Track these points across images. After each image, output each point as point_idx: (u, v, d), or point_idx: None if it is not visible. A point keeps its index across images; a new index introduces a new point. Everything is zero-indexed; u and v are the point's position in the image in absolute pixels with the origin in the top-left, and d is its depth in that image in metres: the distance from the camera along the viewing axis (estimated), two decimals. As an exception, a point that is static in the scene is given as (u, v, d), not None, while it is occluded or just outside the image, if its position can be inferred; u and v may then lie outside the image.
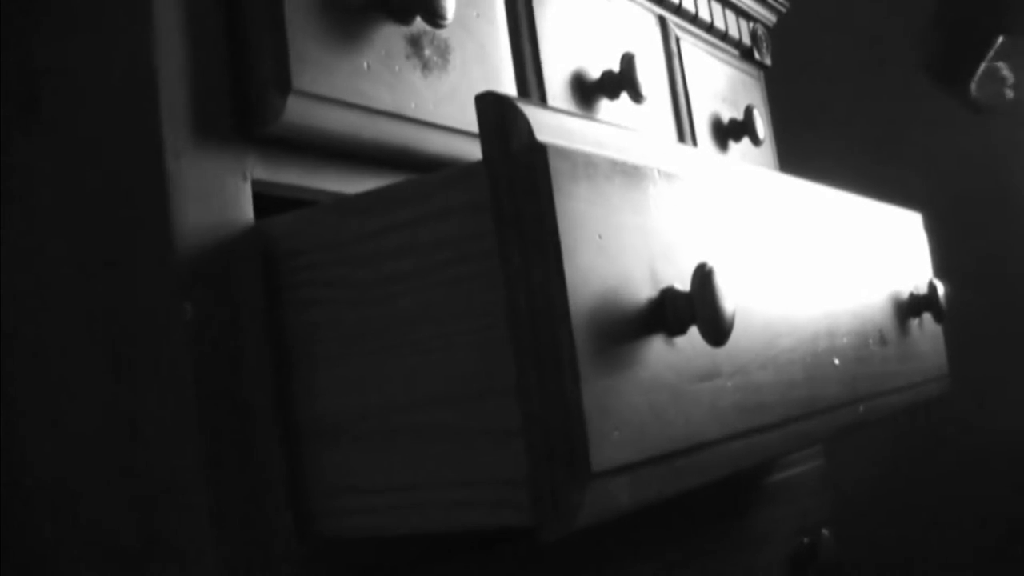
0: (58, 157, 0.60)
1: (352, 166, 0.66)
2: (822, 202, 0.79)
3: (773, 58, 1.38)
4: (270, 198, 0.61)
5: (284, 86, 0.59)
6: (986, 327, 1.70)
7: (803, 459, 1.22)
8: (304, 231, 0.57)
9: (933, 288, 0.93)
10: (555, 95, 0.88)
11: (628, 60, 0.95)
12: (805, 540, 1.14)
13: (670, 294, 0.51)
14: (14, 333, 0.62)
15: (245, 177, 0.59)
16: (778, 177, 0.78)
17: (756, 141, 1.20)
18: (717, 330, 0.51)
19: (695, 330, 0.51)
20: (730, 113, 1.21)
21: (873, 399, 0.78)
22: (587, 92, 0.93)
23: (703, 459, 0.53)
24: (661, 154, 0.58)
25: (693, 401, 0.53)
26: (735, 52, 1.31)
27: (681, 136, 1.09)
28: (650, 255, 0.52)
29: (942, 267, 1.05)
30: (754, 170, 0.73)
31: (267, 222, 0.58)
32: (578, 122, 0.52)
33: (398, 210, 0.53)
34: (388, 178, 0.67)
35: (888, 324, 0.84)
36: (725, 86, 1.23)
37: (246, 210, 0.58)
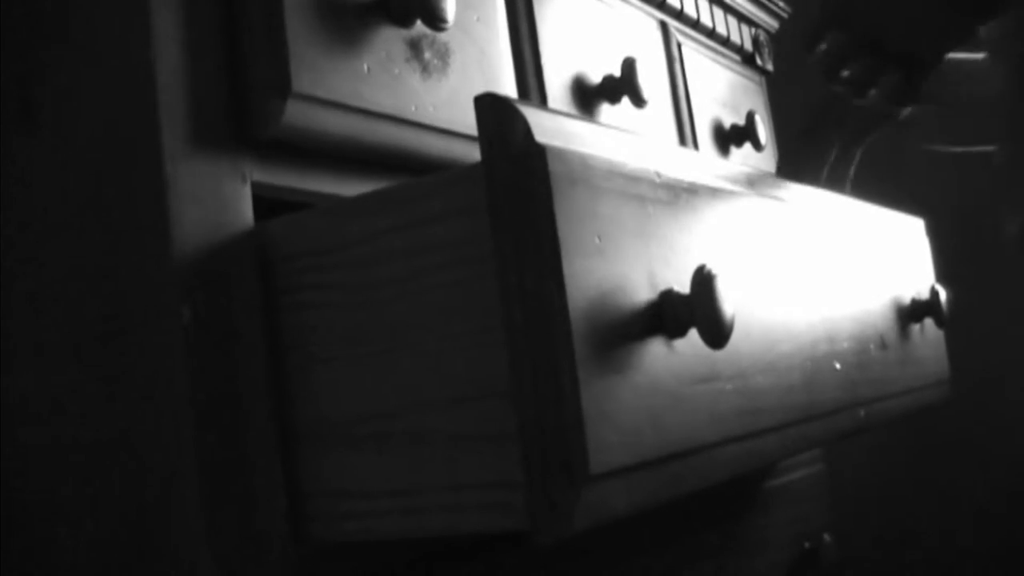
0: (56, 161, 0.60)
1: (352, 169, 0.66)
2: (823, 207, 0.79)
3: (775, 63, 1.38)
4: (271, 201, 0.61)
5: (283, 89, 0.58)
6: (986, 328, 1.70)
7: (804, 464, 1.21)
8: (301, 234, 0.57)
9: (935, 293, 0.93)
10: (556, 99, 0.87)
11: (629, 65, 0.94)
12: (807, 545, 1.13)
13: (669, 296, 0.51)
14: (12, 338, 0.62)
15: (244, 180, 0.59)
16: (779, 181, 0.77)
17: (758, 147, 1.20)
18: (716, 332, 0.51)
19: (694, 333, 0.51)
20: (732, 118, 1.21)
21: (873, 404, 0.78)
22: (588, 96, 0.92)
23: (701, 463, 0.53)
24: (661, 157, 0.58)
25: (691, 404, 0.52)
26: (737, 57, 1.31)
27: (682, 141, 1.09)
28: (649, 258, 0.52)
29: (944, 271, 1.05)
30: (755, 174, 0.72)
31: (264, 225, 0.58)
32: (577, 124, 0.52)
33: (396, 213, 0.53)
34: (388, 181, 0.67)
35: (889, 329, 0.84)
36: (727, 91, 1.23)
37: (245, 213, 0.58)
